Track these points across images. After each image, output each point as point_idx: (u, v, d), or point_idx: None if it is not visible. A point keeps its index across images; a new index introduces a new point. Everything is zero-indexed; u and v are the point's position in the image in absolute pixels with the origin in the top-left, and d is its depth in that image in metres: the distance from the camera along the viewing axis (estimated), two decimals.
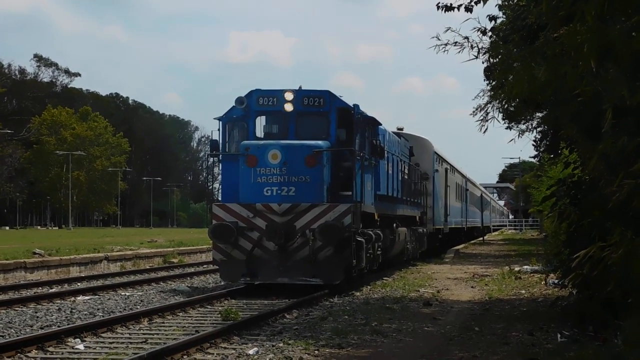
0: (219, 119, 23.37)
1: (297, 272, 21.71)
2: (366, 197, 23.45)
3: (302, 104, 22.90)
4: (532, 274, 28.56)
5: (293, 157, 21.83)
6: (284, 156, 21.80)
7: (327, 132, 22.90)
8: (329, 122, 22.94)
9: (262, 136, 23.37)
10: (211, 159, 25.12)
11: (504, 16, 18.39)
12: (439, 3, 16.29)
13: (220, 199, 23.75)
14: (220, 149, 23.35)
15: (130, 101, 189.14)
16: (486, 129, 17.03)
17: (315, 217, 21.66)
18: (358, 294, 22.73)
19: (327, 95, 23.00)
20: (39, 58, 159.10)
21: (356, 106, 23.02)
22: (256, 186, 21.91)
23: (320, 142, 22.31)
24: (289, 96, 22.85)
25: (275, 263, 21.77)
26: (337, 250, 21.65)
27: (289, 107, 22.87)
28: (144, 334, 15.46)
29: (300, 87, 23.23)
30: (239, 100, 22.88)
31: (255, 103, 23.10)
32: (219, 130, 23.36)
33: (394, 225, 28.82)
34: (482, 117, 17.08)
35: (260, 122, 23.63)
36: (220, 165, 23.74)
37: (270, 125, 23.58)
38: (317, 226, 21.51)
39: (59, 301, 20.92)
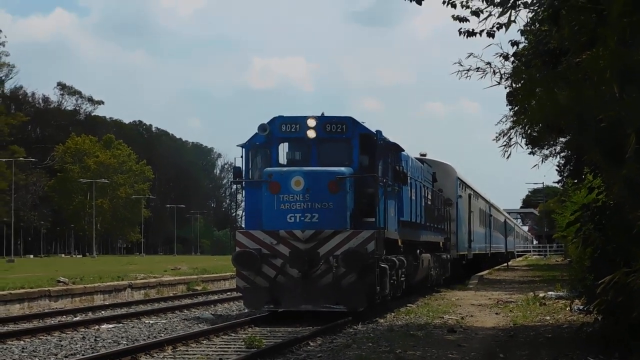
0: (242, 145, 23.42)
1: (321, 299, 21.65)
2: (389, 223, 23.41)
3: (324, 131, 22.93)
4: (557, 300, 28.40)
5: (316, 184, 21.81)
6: (307, 183, 21.78)
7: (350, 158, 22.90)
8: (352, 148, 22.94)
9: (285, 163, 23.39)
10: (234, 186, 25.16)
11: (526, 41, 18.40)
12: (461, 29, 16.30)
13: (243, 225, 23.77)
14: (244, 175, 23.37)
15: (153, 129, 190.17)
16: (509, 154, 17.03)
17: (339, 244, 21.62)
18: (382, 320, 22.64)
19: (349, 122, 23.03)
20: (62, 86, 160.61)
21: (379, 132, 23.03)
22: (279, 213, 21.89)
23: (343, 169, 22.30)
24: (311, 123, 22.89)
25: (299, 290, 21.71)
26: (361, 277, 21.59)
27: (311, 134, 22.90)
28: None
29: (322, 114, 23.27)
30: (262, 127, 22.94)
31: (278, 130, 23.14)
32: (242, 157, 23.39)
33: (418, 251, 28.74)
34: (505, 143, 17.10)
35: (283, 148, 23.65)
36: (244, 192, 23.76)
37: (293, 151, 23.62)
38: (340, 253, 21.46)
39: (83, 329, 20.95)
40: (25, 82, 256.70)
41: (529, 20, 16.65)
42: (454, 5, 15.50)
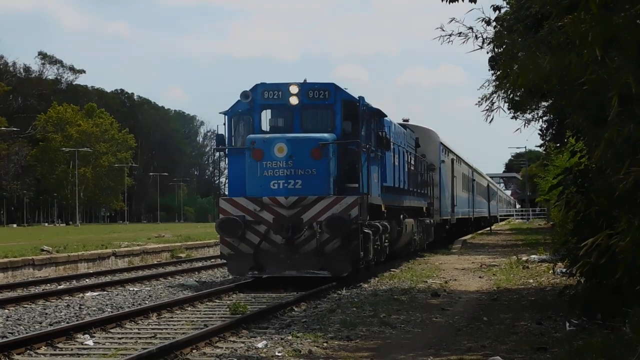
0: (225, 113, 23.37)
1: (305, 264, 21.72)
2: (373, 189, 23.45)
3: (307, 97, 22.89)
4: (539, 263, 28.55)
5: (299, 150, 21.82)
6: (290, 149, 21.78)
7: (333, 124, 22.89)
8: (335, 114, 22.93)
9: (268, 130, 23.35)
10: (217, 153, 25.09)
11: (508, 6, 18.37)
12: None
13: (227, 193, 23.77)
14: (227, 143, 23.35)
15: (135, 97, 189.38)
16: (492, 119, 16.99)
17: (322, 210, 21.66)
18: (366, 285, 22.74)
19: (332, 88, 22.99)
20: (43, 55, 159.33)
21: (361, 98, 23.01)
22: (263, 180, 21.90)
23: (326, 135, 22.30)
24: (294, 89, 22.85)
25: (283, 256, 21.78)
26: (345, 243, 21.65)
27: (294, 100, 22.86)
28: (152, 329, 15.49)
29: (305, 80, 23.22)
30: (244, 94, 22.89)
31: (260, 97, 23.09)
32: (224, 124, 23.36)
33: (401, 216, 28.82)
34: (487, 107, 17.04)
35: (266, 115, 23.62)
36: (227, 159, 23.74)
37: (276, 118, 23.57)
38: (324, 219, 21.50)
39: (67, 298, 20.97)
40: (6, 51, 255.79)
41: None
42: None
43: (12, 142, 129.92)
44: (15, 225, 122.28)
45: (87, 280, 26.59)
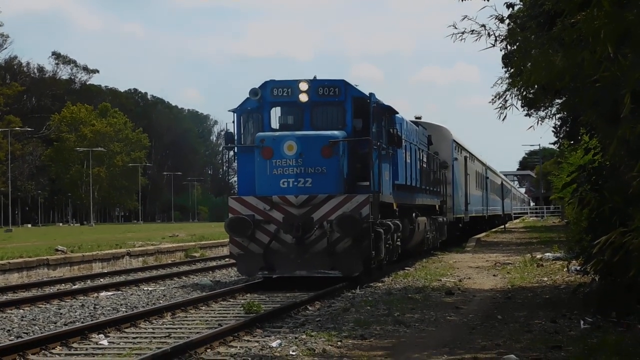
0: (234, 110, 23.14)
1: (315, 264, 21.55)
2: (384, 187, 23.32)
3: (317, 94, 22.69)
4: (554, 261, 28.46)
5: (309, 148, 21.61)
6: (299, 147, 21.59)
7: (343, 121, 22.70)
8: (345, 111, 22.73)
9: (278, 127, 23.15)
10: (228, 152, 24.89)
11: (521, 3, 18.32)
12: None
13: (237, 191, 23.67)
14: (236, 141, 23.16)
15: (149, 96, 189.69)
16: (505, 116, 16.97)
17: (333, 209, 21.50)
18: (380, 284, 22.69)
19: (342, 85, 22.77)
20: (57, 55, 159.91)
21: (372, 95, 22.81)
22: (272, 178, 21.72)
23: (336, 132, 22.12)
24: (303, 86, 22.62)
25: (293, 256, 21.56)
26: (356, 242, 21.47)
27: (303, 98, 22.65)
28: (167, 328, 15.49)
29: (315, 77, 23.05)
30: (253, 92, 22.64)
31: (269, 94, 22.85)
32: (234, 122, 23.19)
33: (413, 214, 28.68)
34: (501, 105, 17.02)
35: (275, 113, 23.37)
36: (236, 157, 23.54)
37: (286, 116, 23.37)
38: (334, 217, 21.31)
39: (82, 297, 20.99)
40: (20, 52, 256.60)
41: None
42: None
43: (26, 142, 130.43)
44: (29, 225, 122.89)
45: (101, 280, 26.63)
